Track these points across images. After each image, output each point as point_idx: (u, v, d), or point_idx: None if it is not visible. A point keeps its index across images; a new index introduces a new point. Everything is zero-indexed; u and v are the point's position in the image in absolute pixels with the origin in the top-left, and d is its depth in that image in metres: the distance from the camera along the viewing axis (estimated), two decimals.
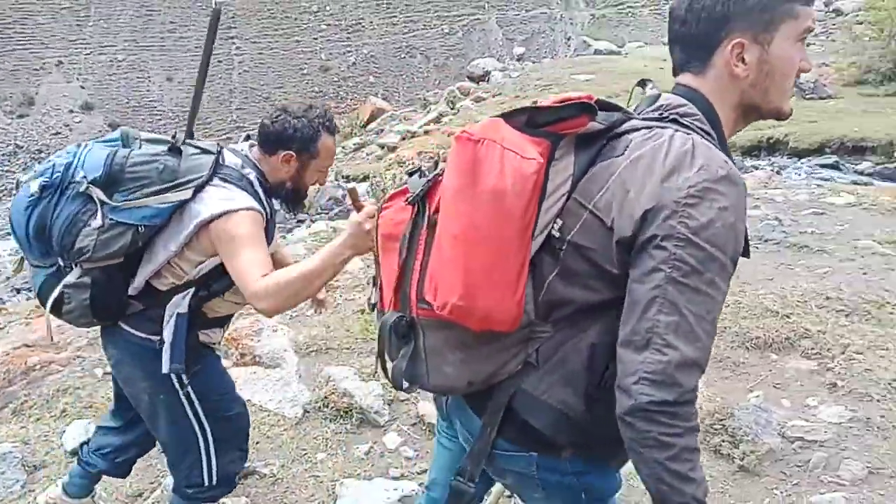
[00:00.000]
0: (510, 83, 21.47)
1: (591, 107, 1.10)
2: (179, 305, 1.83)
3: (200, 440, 1.98)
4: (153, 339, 1.86)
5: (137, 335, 1.88)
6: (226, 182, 1.79)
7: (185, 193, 1.74)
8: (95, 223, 1.69)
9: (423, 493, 1.64)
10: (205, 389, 1.97)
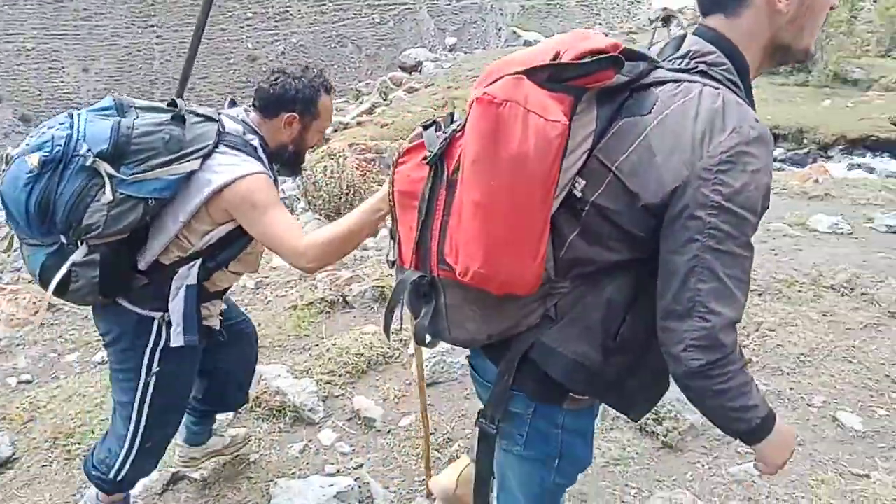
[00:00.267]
0: (442, 73, 21.45)
1: (620, 59, 1.06)
2: (187, 277, 1.79)
3: (131, 431, 1.93)
4: (154, 315, 1.83)
5: (135, 311, 1.83)
6: (232, 149, 1.74)
7: (194, 164, 1.68)
8: (105, 198, 1.60)
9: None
10: (170, 387, 1.92)
